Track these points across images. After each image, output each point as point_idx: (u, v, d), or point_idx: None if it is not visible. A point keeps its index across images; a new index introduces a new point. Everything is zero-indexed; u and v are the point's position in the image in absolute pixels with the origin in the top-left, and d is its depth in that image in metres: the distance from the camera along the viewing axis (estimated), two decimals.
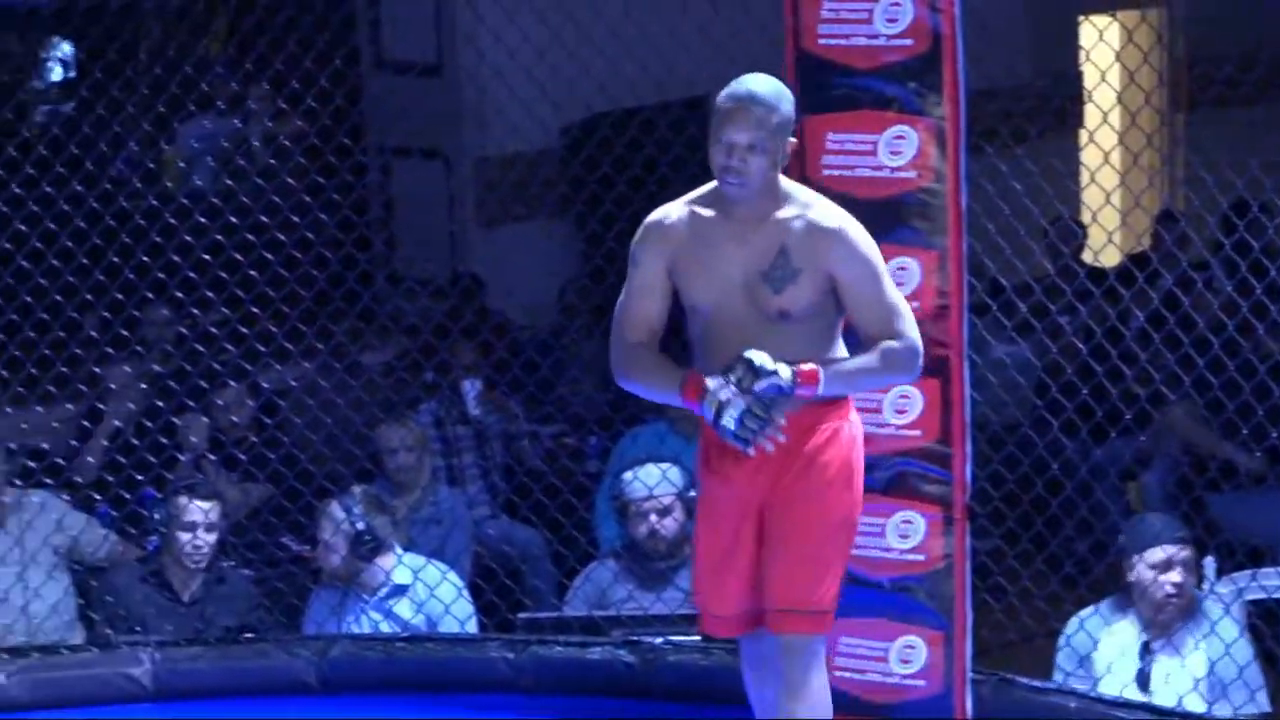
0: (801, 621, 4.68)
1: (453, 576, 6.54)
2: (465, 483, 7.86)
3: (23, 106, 8.56)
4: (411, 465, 7.14)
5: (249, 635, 6.43)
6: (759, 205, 4.60)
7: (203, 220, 7.01)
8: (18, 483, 6.96)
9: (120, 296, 6.87)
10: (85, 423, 7.34)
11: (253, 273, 6.80)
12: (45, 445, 7.30)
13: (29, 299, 6.87)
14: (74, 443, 7.34)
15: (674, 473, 6.63)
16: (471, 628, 6.50)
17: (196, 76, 7.28)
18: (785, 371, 4.50)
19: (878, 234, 5.23)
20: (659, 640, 6.29)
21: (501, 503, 7.86)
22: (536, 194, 8.94)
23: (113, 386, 7.32)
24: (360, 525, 6.37)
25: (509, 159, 8.92)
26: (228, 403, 7.34)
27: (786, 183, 4.64)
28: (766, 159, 4.54)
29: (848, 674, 5.50)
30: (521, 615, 6.74)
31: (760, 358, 4.49)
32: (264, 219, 6.98)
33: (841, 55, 5.30)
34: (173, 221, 6.97)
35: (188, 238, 6.90)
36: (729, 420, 4.52)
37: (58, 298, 6.89)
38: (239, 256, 6.88)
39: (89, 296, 6.90)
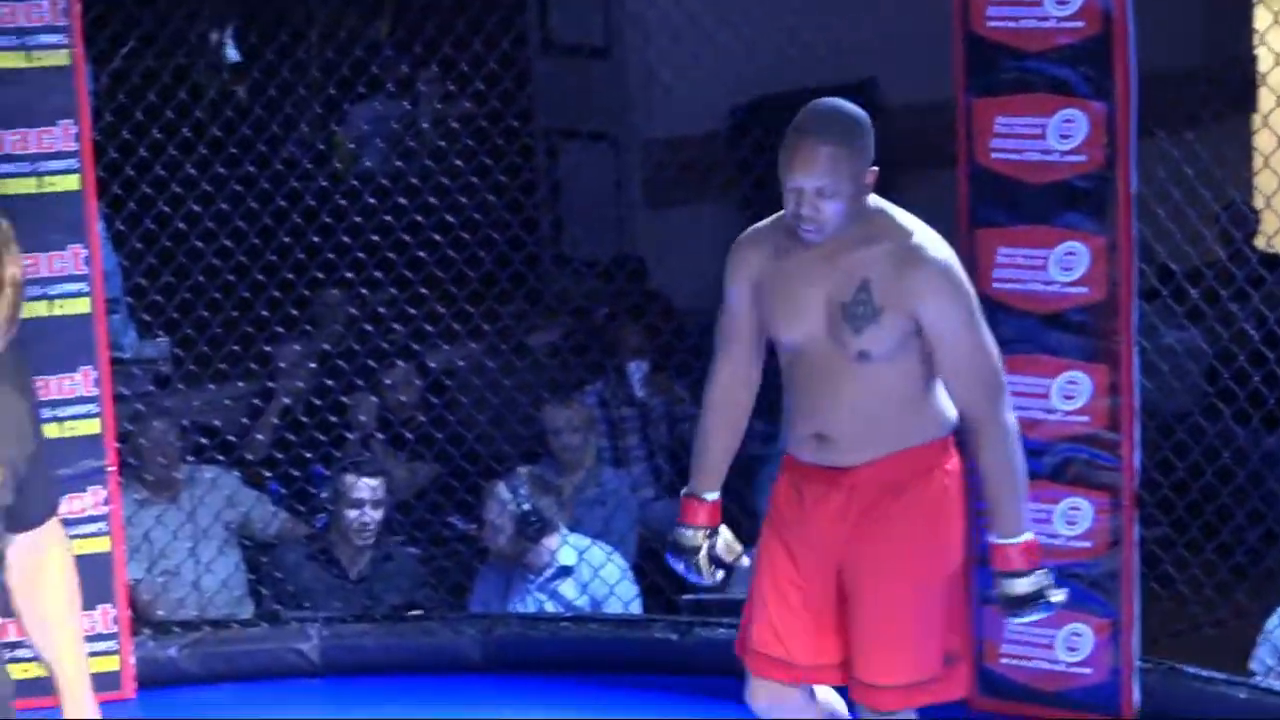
0: (887, 697, 4.40)
1: (617, 558, 6.57)
2: (630, 464, 7.88)
3: (197, 89, 8.68)
4: (577, 446, 7.17)
5: (415, 613, 6.51)
6: (845, 229, 4.24)
7: (372, 201, 7.11)
8: (191, 459, 7.09)
9: (291, 276, 6.98)
10: (256, 401, 7.45)
11: (421, 254, 6.88)
12: (217, 422, 7.43)
13: (202, 279, 7.00)
14: (245, 420, 7.46)
15: None
16: (636, 609, 6.53)
17: (366, 59, 7.37)
18: (1055, 595, 4.36)
19: (1046, 218, 5.18)
20: None
21: (666, 484, 7.84)
22: (703, 176, 8.97)
23: (283, 365, 7.41)
24: (526, 506, 6.41)
25: (676, 141, 8.95)
26: (395, 382, 7.42)
27: (881, 205, 4.32)
28: (842, 200, 4.18)
29: (1014, 661, 5.50)
30: (686, 597, 6.65)
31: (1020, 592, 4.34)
32: (432, 200, 7.06)
33: (1011, 38, 5.27)
34: (343, 203, 7.07)
35: (357, 219, 6.99)
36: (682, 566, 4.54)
37: (230, 278, 7.02)
38: (407, 238, 6.96)
39: (260, 276, 7.01)
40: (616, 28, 8.99)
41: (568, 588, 6.44)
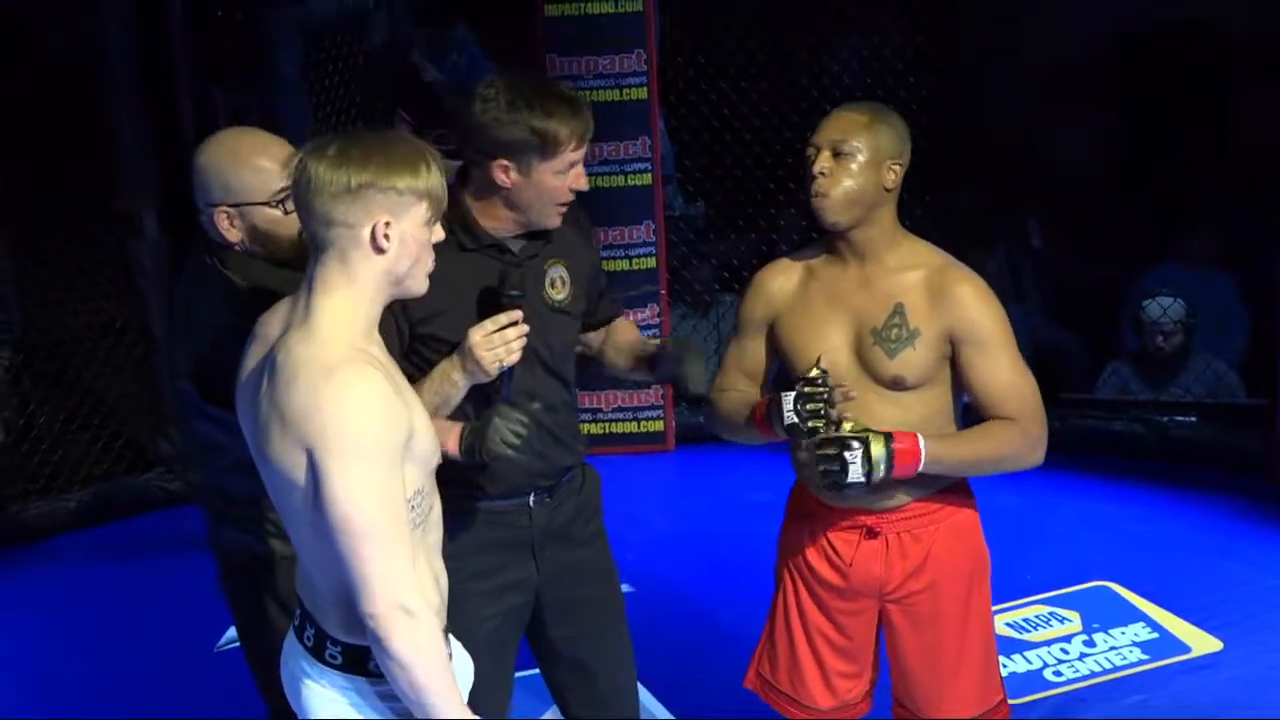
0: None
1: None
2: (1027, 299, 8.18)
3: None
4: None
5: None
6: (872, 255, 3.74)
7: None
8: (716, 286, 7.91)
9: (792, 162, 7.42)
10: (764, 248, 7.77)
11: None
12: (736, 262, 7.96)
13: (727, 161, 7.75)
14: (754, 261, 7.50)
15: (1175, 307, 7.30)
16: None
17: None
18: (880, 461, 3.62)
19: None
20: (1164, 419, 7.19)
21: (1052, 313, 8.26)
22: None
23: (764, 223, 7.71)
24: None
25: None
26: None
27: (912, 237, 3.82)
28: (858, 169, 3.64)
29: None
30: (1065, 395, 7.48)
31: (853, 430, 3.64)
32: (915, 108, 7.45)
33: None
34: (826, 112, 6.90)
35: None
36: (788, 416, 3.65)
37: (747, 162, 7.69)
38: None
39: (768, 158, 7.61)
40: None
41: None
